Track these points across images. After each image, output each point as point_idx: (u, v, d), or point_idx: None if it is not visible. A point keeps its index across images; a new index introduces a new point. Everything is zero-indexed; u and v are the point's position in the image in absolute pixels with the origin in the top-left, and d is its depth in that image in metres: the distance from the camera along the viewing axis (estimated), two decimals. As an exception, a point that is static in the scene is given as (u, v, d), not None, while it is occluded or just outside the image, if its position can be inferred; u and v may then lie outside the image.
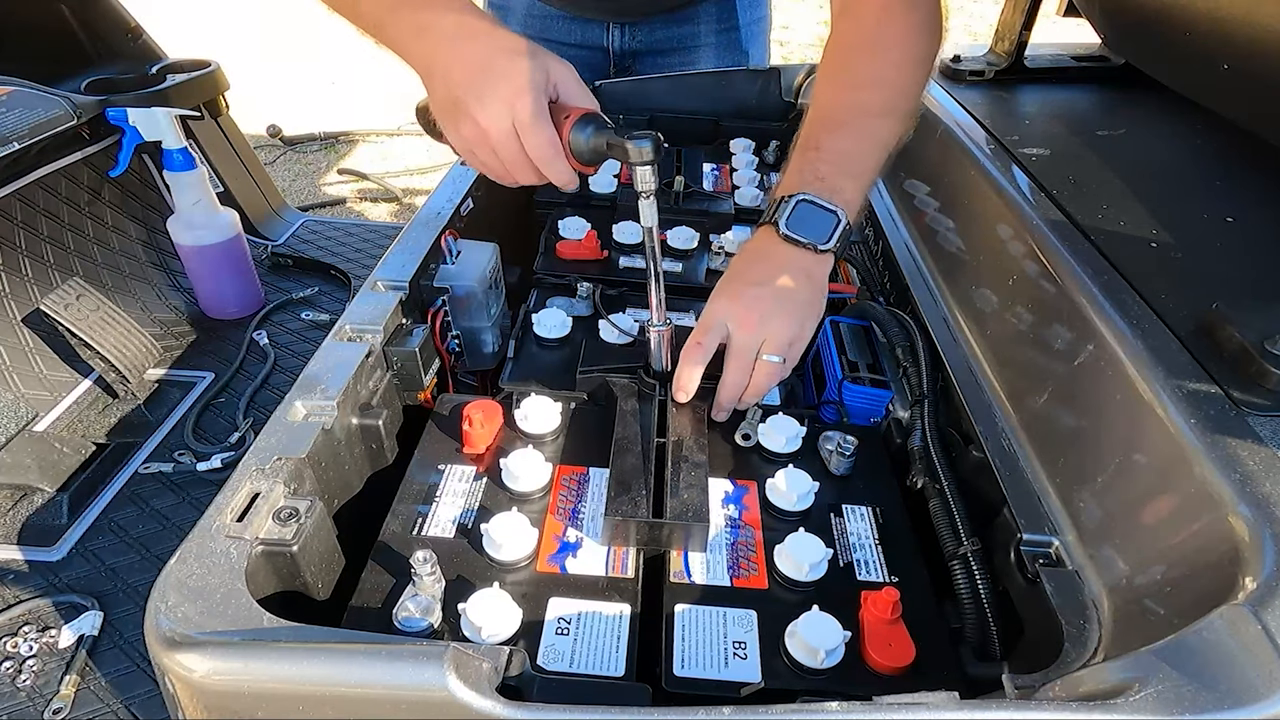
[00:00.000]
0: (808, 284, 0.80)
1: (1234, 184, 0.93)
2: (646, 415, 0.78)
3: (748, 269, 0.81)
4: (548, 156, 0.67)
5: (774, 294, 0.78)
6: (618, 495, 0.67)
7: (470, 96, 0.66)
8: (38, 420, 1.35)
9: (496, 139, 0.67)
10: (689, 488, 0.69)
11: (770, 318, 0.77)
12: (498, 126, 0.66)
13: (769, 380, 0.79)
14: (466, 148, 0.71)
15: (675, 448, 0.74)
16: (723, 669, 0.58)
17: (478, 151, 0.70)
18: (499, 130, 0.66)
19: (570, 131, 0.67)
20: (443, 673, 0.45)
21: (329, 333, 0.80)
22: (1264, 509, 0.50)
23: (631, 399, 0.80)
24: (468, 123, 0.68)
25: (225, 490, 0.61)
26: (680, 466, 0.71)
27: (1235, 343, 0.62)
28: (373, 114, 3.94)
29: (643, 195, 0.70)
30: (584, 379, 0.83)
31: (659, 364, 0.81)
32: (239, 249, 1.66)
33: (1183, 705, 0.43)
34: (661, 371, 0.81)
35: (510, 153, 0.68)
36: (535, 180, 0.71)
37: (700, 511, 0.66)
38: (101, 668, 0.99)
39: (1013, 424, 0.73)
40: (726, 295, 0.80)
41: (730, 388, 0.79)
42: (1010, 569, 0.63)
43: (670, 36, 1.48)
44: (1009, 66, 1.23)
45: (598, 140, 0.67)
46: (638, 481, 0.69)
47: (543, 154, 0.67)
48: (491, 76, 0.66)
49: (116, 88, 1.73)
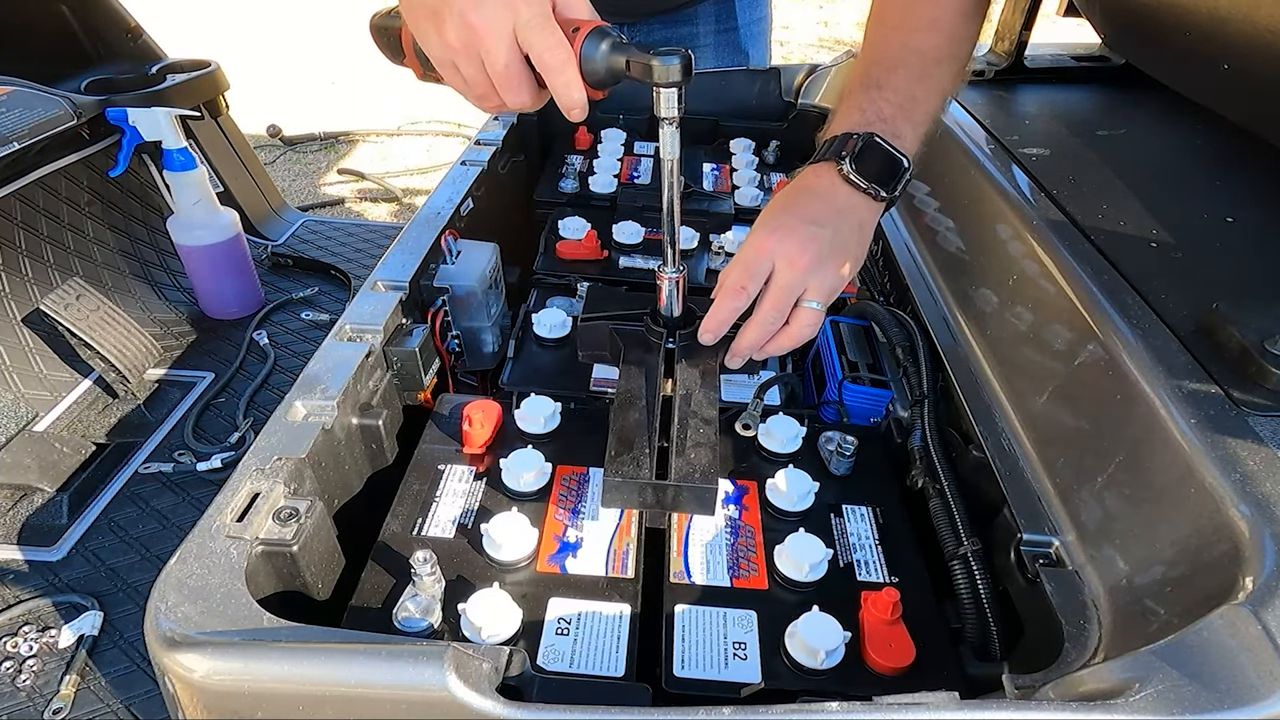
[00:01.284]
0: (859, 233, 0.73)
1: (1234, 184, 0.94)
2: (652, 366, 0.72)
3: (803, 205, 0.73)
4: (558, 62, 0.57)
5: (831, 236, 0.71)
6: (619, 454, 0.63)
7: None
8: (38, 420, 1.35)
9: (491, 43, 0.57)
10: (696, 446, 0.64)
11: (824, 261, 0.70)
12: (495, 28, 0.56)
13: (810, 329, 0.71)
14: (449, 58, 0.60)
15: (683, 402, 0.68)
16: (723, 669, 0.58)
17: (461, 63, 0.59)
18: (496, 33, 0.56)
19: (582, 45, 0.58)
20: (443, 673, 0.45)
21: (329, 333, 0.80)
22: (1264, 509, 0.50)
23: (637, 349, 0.74)
24: (454, 24, 0.57)
25: (225, 490, 0.61)
26: (688, 423, 0.66)
27: (1235, 343, 0.62)
28: (373, 114, 3.94)
29: (665, 122, 0.62)
30: (586, 328, 0.78)
31: (669, 312, 0.75)
32: (239, 249, 1.67)
33: (1183, 705, 0.43)
34: (671, 319, 0.75)
35: (504, 62, 0.58)
36: (528, 100, 0.60)
37: (708, 473, 0.62)
38: (101, 668, 0.99)
39: (1013, 424, 0.73)
40: (777, 230, 0.71)
41: (759, 329, 0.70)
42: (1010, 569, 0.63)
43: (669, 37, 1.47)
44: (1009, 66, 1.23)
45: (615, 57, 0.58)
46: (641, 439, 0.64)
47: (553, 59, 0.57)
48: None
49: (116, 88, 1.73)
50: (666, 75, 0.58)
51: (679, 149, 0.64)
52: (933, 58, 0.77)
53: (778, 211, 0.73)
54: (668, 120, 0.62)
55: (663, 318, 0.75)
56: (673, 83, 0.59)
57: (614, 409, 0.68)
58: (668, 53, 0.58)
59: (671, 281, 0.72)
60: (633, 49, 0.58)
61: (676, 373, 0.72)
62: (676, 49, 0.58)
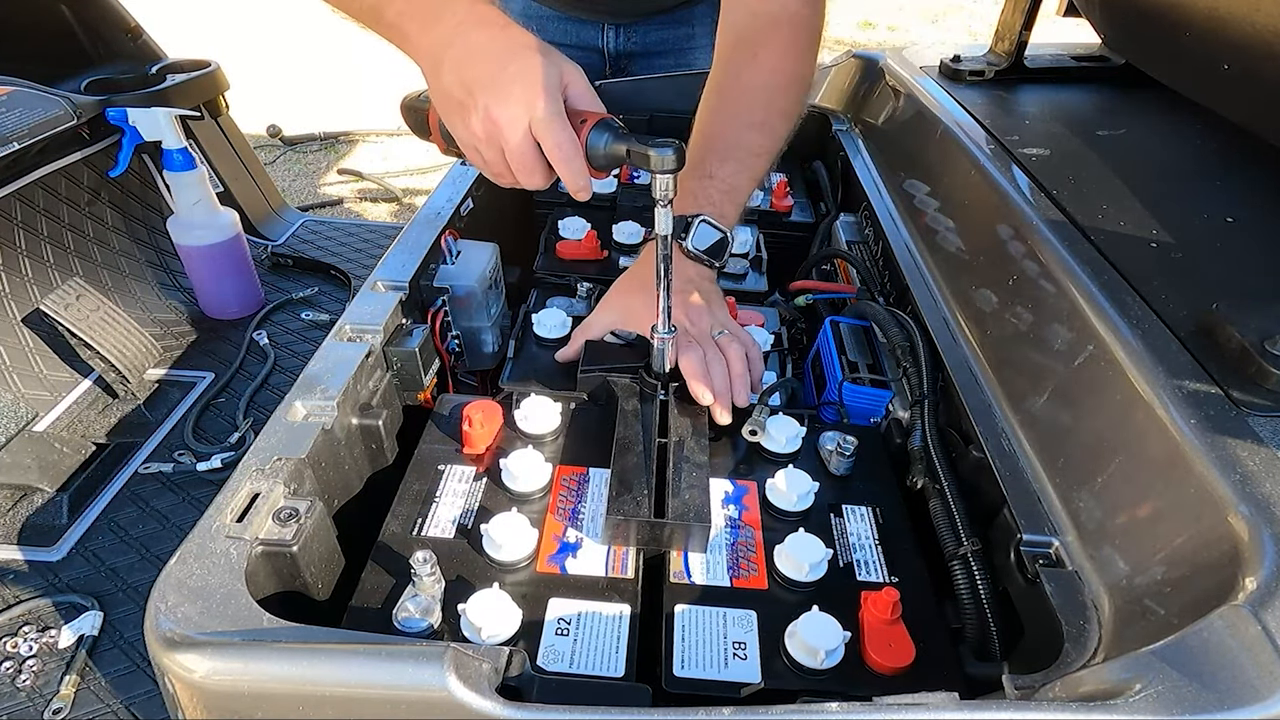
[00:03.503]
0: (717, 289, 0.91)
1: (1234, 184, 0.94)
2: (648, 415, 0.78)
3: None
4: (567, 155, 0.66)
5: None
6: (619, 495, 0.67)
7: (486, 91, 0.64)
8: (38, 420, 1.35)
9: (510, 136, 0.65)
10: (690, 488, 0.68)
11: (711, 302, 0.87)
12: (513, 123, 0.65)
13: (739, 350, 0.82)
14: (472, 143, 0.69)
15: (676, 448, 0.73)
16: (723, 669, 0.58)
17: (484, 149, 0.68)
18: (515, 128, 0.65)
19: (588, 136, 0.66)
20: (442, 673, 0.45)
21: (329, 333, 0.80)
22: (1264, 509, 0.50)
23: (633, 399, 0.80)
24: (479, 117, 0.66)
25: (225, 490, 0.61)
26: (682, 467, 0.71)
27: (1235, 343, 0.62)
28: (373, 114, 3.94)
29: (660, 203, 0.68)
30: (584, 379, 0.83)
31: (661, 368, 0.81)
32: (239, 249, 1.66)
33: (1183, 705, 0.43)
34: (663, 372, 0.81)
35: (521, 152, 0.66)
36: (540, 182, 0.69)
37: (702, 512, 0.66)
38: (101, 668, 0.99)
39: (1013, 424, 0.73)
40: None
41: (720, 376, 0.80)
42: (1010, 569, 0.63)
43: (665, 38, 1.48)
44: (1009, 66, 1.23)
45: (616, 147, 0.66)
46: (639, 481, 0.69)
47: (563, 153, 0.65)
48: (509, 72, 0.64)
49: (116, 88, 1.73)
50: (662, 164, 0.64)
51: (671, 227, 0.71)
52: (757, 153, 0.93)
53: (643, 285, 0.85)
54: (662, 201, 0.68)
55: (655, 371, 0.81)
56: (667, 170, 0.65)
57: (614, 454, 0.72)
58: (662, 144, 0.64)
59: (663, 342, 0.77)
60: (632, 139, 0.66)
61: (670, 422, 0.77)
62: (671, 140, 0.64)
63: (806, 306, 1.06)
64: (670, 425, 0.77)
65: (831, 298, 1.07)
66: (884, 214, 1.12)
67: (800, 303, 1.06)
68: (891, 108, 1.30)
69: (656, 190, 0.67)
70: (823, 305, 1.06)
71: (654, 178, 0.66)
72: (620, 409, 0.78)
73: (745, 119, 0.93)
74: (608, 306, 0.89)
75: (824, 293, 1.07)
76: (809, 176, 1.41)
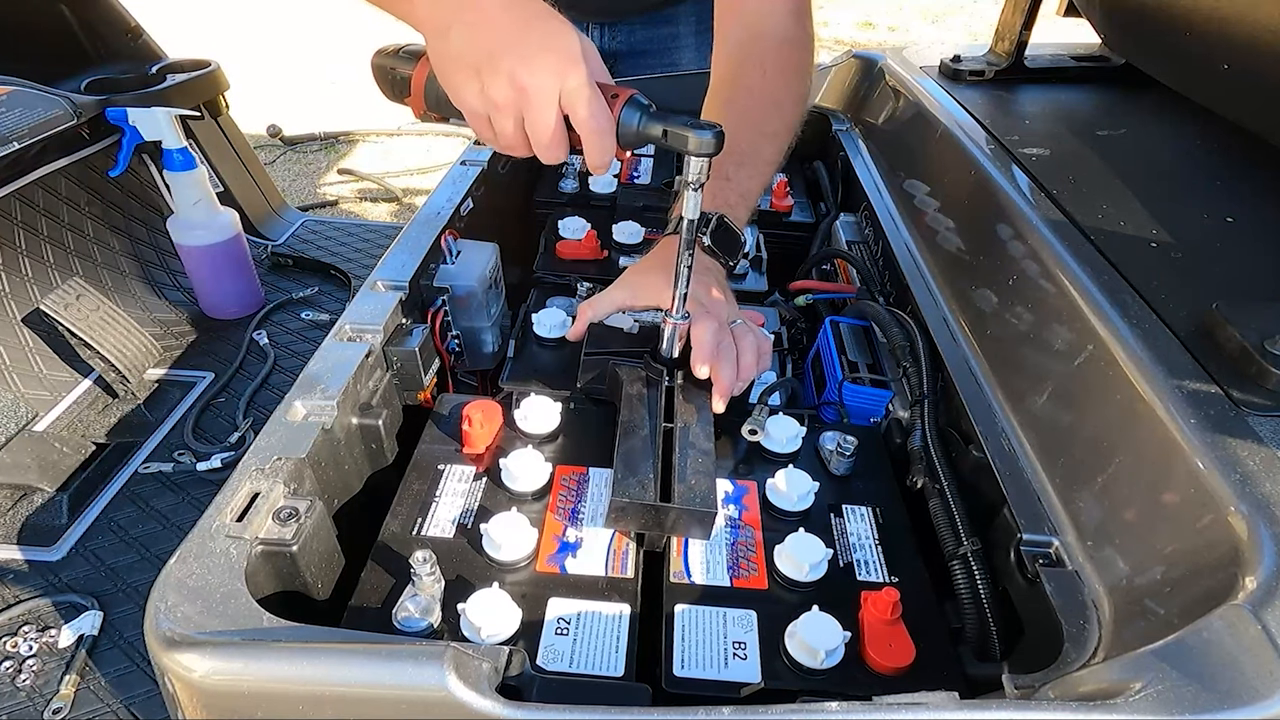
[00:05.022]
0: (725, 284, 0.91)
1: (1234, 184, 0.94)
2: (653, 400, 0.77)
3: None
4: (601, 128, 0.62)
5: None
6: (624, 477, 0.66)
7: (510, 55, 0.60)
8: (38, 420, 1.35)
9: (536, 104, 0.61)
10: (696, 474, 0.68)
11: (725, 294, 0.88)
12: (543, 91, 0.60)
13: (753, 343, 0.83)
14: (484, 111, 0.64)
15: (682, 434, 0.72)
16: (723, 669, 0.58)
17: (498, 117, 0.63)
18: (544, 95, 0.60)
19: (620, 112, 0.62)
20: (442, 673, 0.45)
21: (329, 333, 0.80)
22: (1264, 509, 0.50)
23: (638, 383, 0.79)
24: (499, 82, 0.61)
25: (225, 490, 0.61)
26: (688, 453, 0.70)
27: (1235, 343, 0.62)
28: (373, 114, 3.93)
29: (692, 186, 0.65)
30: (588, 361, 0.82)
31: (669, 353, 0.79)
32: (239, 249, 1.67)
33: (1183, 705, 0.43)
34: (670, 357, 0.80)
35: (545, 123, 0.62)
36: (558, 155, 0.65)
37: (708, 499, 0.65)
38: (101, 668, 0.99)
39: (1013, 424, 0.73)
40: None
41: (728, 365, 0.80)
42: (1010, 569, 0.63)
43: (651, 37, 1.48)
44: (1009, 66, 1.23)
45: (651, 127, 0.62)
46: (645, 465, 0.68)
47: (597, 125, 0.61)
48: (534, 38, 0.60)
49: (116, 88, 1.73)
50: (701, 146, 0.61)
51: (699, 211, 0.68)
52: (768, 161, 0.96)
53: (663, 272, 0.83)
54: (694, 184, 0.65)
55: (661, 357, 0.79)
56: (705, 153, 0.62)
57: (618, 437, 0.71)
58: (703, 126, 0.61)
59: (675, 327, 0.76)
60: (669, 119, 0.62)
61: (676, 407, 0.76)
62: (711, 122, 0.61)
63: (806, 306, 1.06)
64: (676, 411, 0.76)
65: (831, 298, 1.07)
66: (884, 214, 1.12)
67: (800, 302, 1.06)
68: (891, 108, 1.30)
69: (690, 173, 0.65)
70: (823, 305, 1.06)
71: (689, 160, 0.64)
72: (625, 393, 0.77)
73: (760, 129, 0.96)
74: (620, 284, 0.89)
75: (824, 293, 1.07)
76: (809, 176, 1.41)
